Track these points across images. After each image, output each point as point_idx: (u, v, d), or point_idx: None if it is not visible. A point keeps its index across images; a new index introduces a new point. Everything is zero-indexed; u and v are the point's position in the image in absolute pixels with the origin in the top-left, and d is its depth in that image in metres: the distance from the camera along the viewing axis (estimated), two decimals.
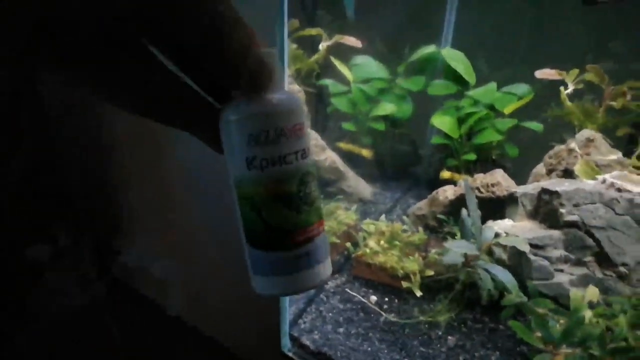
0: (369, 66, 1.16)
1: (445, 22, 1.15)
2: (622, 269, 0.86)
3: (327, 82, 1.19)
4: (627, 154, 0.96)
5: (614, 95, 0.95)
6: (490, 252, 0.87)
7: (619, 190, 0.85)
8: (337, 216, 1.04)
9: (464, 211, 0.85)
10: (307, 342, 0.86)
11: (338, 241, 1.01)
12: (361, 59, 1.19)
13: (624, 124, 1.00)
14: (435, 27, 1.16)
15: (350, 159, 1.14)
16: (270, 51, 0.28)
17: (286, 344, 0.88)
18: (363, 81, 1.15)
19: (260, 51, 0.28)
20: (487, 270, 0.81)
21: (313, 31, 1.20)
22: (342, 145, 1.20)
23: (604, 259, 0.86)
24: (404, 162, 1.22)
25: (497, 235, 0.85)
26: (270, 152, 0.29)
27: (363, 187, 1.14)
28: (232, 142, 0.29)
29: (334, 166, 1.11)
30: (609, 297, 0.85)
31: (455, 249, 0.80)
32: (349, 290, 0.98)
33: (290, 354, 0.87)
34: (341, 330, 0.90)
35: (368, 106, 1.14)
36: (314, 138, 1.11)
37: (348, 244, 1.00)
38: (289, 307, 0.89)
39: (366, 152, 1.17)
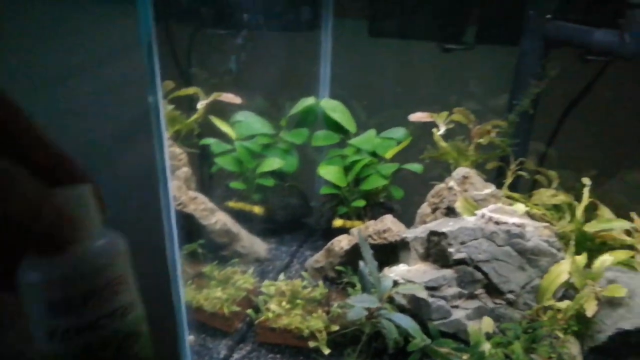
0: (252, 122, 1.15)
1: (321, 74, 1.18)
2: (509, 296, 0.91)
3: (210, 141, 1.16)
4: (498, 186, 1.04)
5: (481, 133, 1.03)
6: (390, 300, 0.89)
7: (497, 223, 0.92)
8: (235, 282, 1.00)
9: (361, 263, 0.86)
10: None
11: (238, 309, 0.96)
12: (242, 115, 1.17)
13: (492, 159, 1.08)
14: (313, 79, 1.19)
15: (241, 217, 1.11)
16: (81, 190, 0.24)
17: None
18: (246, 138, 1.14)
19: (62, 196, 0.23)
20: (390, 320, 0.82)
21: (190, 90, 1.17)
22: (232, 204, 1.16)
23: (492, 289, 0.91)
24: (296, 215, 1.21)
25: (395, 282, 0.86)
26: (76, 320, 0.24)
27: (258, 246, 1.12)
28: (29, 309, 0.24)
29: (225, 228, 1.07)
30: (502, 324, 0.90)
31: (358, 304, 0.80)
32: (255, 358, 0.93)
33: None
34: None
35: (254, 163, 1.12)
36: (202, 202, 1.07)
37: (249, 311, 0.96)
38: None
39: (257, 209, 1.15)
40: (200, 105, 1.18)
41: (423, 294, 0.81)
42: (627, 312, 0.85)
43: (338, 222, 1.12)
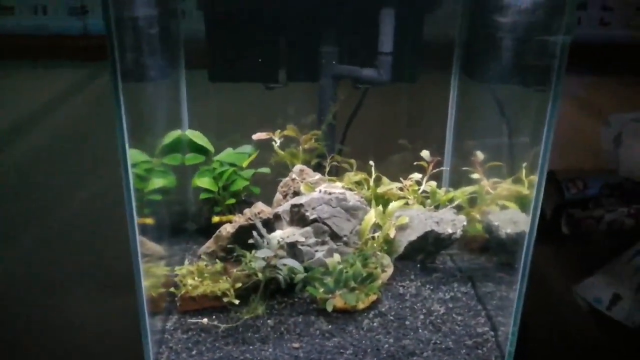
0: (133, 154, 1.44)
1: (182, 111, 1.55)
2: (345, 239, 1.40)
3: None
4: (322, 174, 1.55)
5: (305, 141, 1.53)
6: (276, 255, 1.30)
7: (330, 193, 1.41)
8: (153, 273, 1.29)
9: (254, 233, 1.26)
10: None
11: (163, 290, 1.26)
12: None
13: (313, 158, 1.60)
14: (175, 115, 1.55)
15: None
16: None
17: None
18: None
19: None
20: (283, 264, 1.23)
21: None
22: None
23: (334, 236, 1.38)
24: (177, 221, 1.53)
25: (278, 241, 1.28)
26: None
27: (157, 248, 1.40)
28: None
29: None
30: (344, 257, 1.39)
31: (260, 256, 1.20)
32: (184, 323, 1.24)
33: None
34: (194, 352, 1.16)
35: (141, 184, 1.42)
36: None
37: (172, 289, 1.27)
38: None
39: (149, 221, 1.43)
40: None
41: (301, 238, 1.26)
42: (410, 230, 1.42)
43: (216, 219, 1.49)
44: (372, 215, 1.42)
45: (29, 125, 1.93)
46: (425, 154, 1.55)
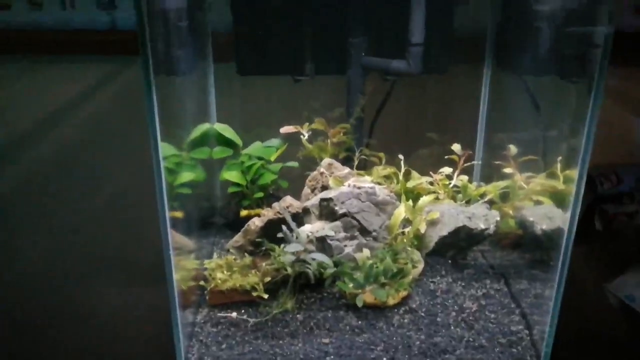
0: (163, 148, 1.45)
1: (210, 104, 1.55)
2: (374, 233, 1.39)
3: None
4: (351, 168, 1.54)
5: (334, 134, 1.51)
6: (305, 250, 1.29)
7: (359, 188, 1.39)
8: (183, 266, 1.29)
9: (283, 227, 1.25)
10: None
11: (193, 283, 1.26)
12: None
13: (341, 151, 1.58)
14: (203, 109, 1.55)
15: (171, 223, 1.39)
16: None
17: None
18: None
19: None
20: (312, 258, 1.22)
21: None
22: None
23: (364, 231, 1.37)
24: (206, 215, 1.53)
25: (307, 235, 1.27)
26: None
27: (186, 242, 1.40)
28: None
29: None
30: (374, 252, 1.37)
31: (290, 250, 1.19)
32: (213, 316, 1.24)
33: None
34: (224, 346, 1.16)
35: (171, 177, 1.42)
36: None
37: (201, 282, 1.27)
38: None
39: (178, 214, 1.44)
40: None
41: (331, 232, 1.24)
42: (441, 225, 1.39)
43: (244, 213, 1.48)
44: (401, 210, 1.40)
45: (59, 119, 1.96)
46: (456, 147, 1.52)
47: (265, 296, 1.23)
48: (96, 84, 1.95)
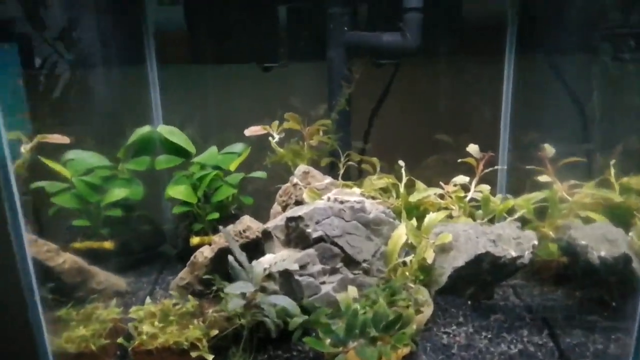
0: (85, 158, 1.12)
1: (152, 103, 1.21)
2: (364, 265, 1.03)
3: (42, 184, 1.09)
4: (335, 177, 1.18)
5: (311, 134, 1.16)
6: (263, 290, 0.93)
7: (342, 202, 1.04)
8: (98, 316, 0.95)
9: (230, 257, 0.90)
10: None
11: (107, 341, 0.91)
12: (74, 154, 1.13)
13: (324, 156, 1.22)
14: (145, 110, 1.22)
15: (92, 256, 1.06)
16: None
17: None
18: (84, 173, 1.10)
19: None
20: (270, 304, 0.86)
21: (11, 135, 1.10)
22: (78, 245, 1.10)
23: (349, 261, 1.02)
24: (150, 243, 1.19)
25: (265, 269, 0.91)
26: None
27: (115, 280, 1.07)
28: None
29: (76, 267, 1.01)
30: (364, 291, 1.01)
31: (235, 292, 0.84)
32: None
33: None
34: None
35: (96, 197, 1.08)
36: (42, 244, 0.99)
37: (120, 340, 0.92)
38: None
39: (108, 244, 1.10)
40: (24, 149, 1.11)
41: (295, 266, 0.88)
42: (456, 252, 1.03)
43: (195, 240, 1.15)
44: (402, 232, 1.05)
45: None
46: (473, 148, 1.16)
47: (210, 358, 0.88)
48: None
